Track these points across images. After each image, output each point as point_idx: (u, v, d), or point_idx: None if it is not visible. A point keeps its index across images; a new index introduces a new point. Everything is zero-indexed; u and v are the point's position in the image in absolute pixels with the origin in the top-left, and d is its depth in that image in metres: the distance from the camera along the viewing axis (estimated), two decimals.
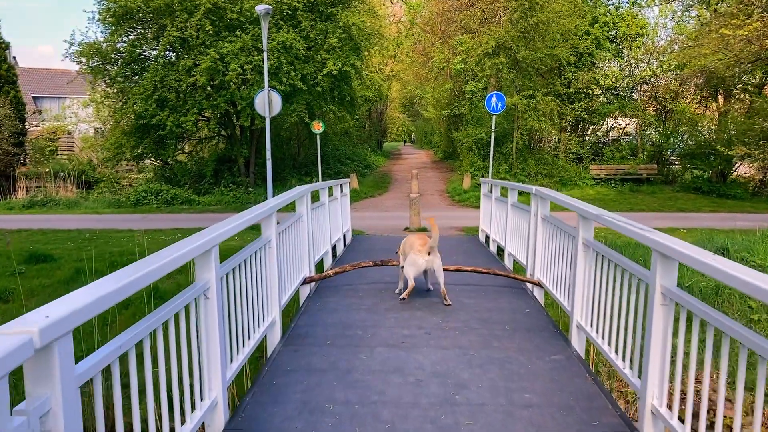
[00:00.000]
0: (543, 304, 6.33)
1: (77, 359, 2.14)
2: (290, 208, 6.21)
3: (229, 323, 3.78)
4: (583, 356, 4.90)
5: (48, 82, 39.64)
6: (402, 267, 6.24)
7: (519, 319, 5.55)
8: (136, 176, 25.15)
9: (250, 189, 21.82)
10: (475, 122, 25.23)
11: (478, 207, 20.18)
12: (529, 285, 6.77)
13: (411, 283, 5.96)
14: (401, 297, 6.02)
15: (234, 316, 3.92)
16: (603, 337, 4.40)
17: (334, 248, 9.38)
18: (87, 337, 6.01)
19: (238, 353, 4.00)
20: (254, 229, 5.12)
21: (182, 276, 8.51)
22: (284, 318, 5.32)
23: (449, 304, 5.87)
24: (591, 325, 4.71)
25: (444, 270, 6.23)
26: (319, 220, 7.76)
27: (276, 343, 4.97)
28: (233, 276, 3.91)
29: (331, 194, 9.23)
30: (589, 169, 23.92)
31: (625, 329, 3.95)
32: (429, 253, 5.82)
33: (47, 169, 24.14)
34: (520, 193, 8.22)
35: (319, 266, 8.34)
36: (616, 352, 4.11)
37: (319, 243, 7.82)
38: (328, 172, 25.31)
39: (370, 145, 40.65)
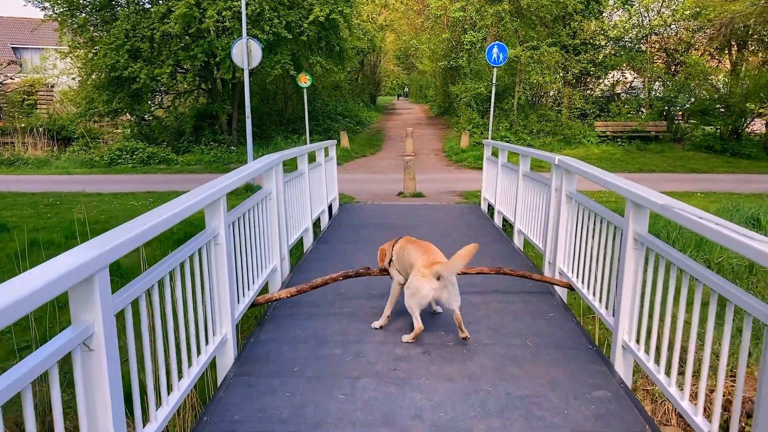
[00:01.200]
0: (566, 302, 5.13)
1: None
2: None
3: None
4: (630, 384, 3.72)
5: (29, 32, 37.61)
6: (401, 281, 4.37)
7: (542, 329, 4.35)
8: (120, 132, 23.52)
9: (232, 148, 20.39)
10: (474, 76, 23.70)
11: (477, 168, 19.05)
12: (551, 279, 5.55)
13: (418, 325, 4.03)
14: (402, 339, 4.13)
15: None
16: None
17: (317, 223, 8.12)
18: None
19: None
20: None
21: (132, 257, 7.26)
22: (239, 336, 4.13)
23: (467, 337, 4.05)
24: (638, 343, 3.56)
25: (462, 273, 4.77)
26: (296, 194, 6.50)
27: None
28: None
29: (312, 160, 7.93)
30: (594, 127, 22.54)
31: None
32: (438, 278, 3.91)
33: (23, 125, 22.59)
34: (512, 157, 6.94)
35: (297, 249, 7.09)
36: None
37: (298, 220, 6.57)
38: (317, 129, 23.82)
39: (363, 100, 38.99)
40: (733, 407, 2.64)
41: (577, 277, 4.83)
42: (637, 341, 3.65)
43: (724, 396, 3.07)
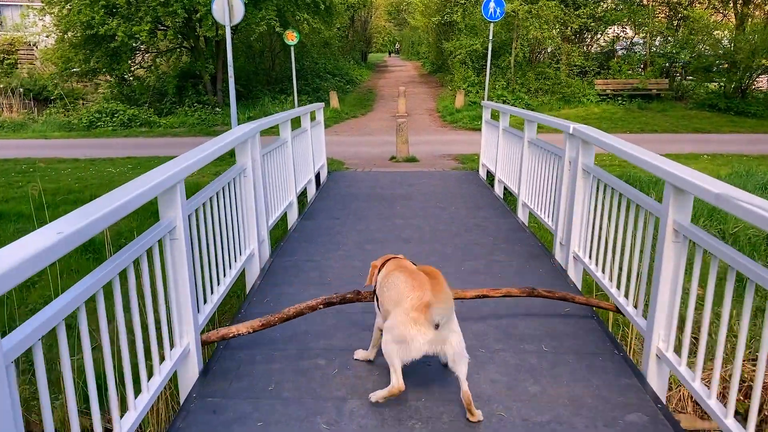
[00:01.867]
0: (581, 289, 4.54)
1: None
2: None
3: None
4: (664, 398, 3.15)
5: None
6: (381, 325, 3.11)
7: (559, 329, 3.75)
8: (103, 91, 22.44)
9: (217, 109, 19.50)
10: (469, 31, 22.67)
11: (472, 129, 18.29)
12: (569, 266, 4.95)
13: (395, 382, 2.80)
14: (370, 398, 2.97)
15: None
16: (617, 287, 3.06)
17: (304, 194, 7.46)
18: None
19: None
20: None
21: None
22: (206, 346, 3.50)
23: (479, 421, 2.82)
24: (677, 355, 2.99)
25: (479, 297, 3.83)
26: (278, 167, 5.83)
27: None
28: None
29: (297, 126, 7.23)
30: (594, 84, 21.71)
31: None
32: (437, 325, 2.69)
33: (2, 85, 21.53)
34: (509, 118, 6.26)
35: (280, 225, 6.44)
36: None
37: (280, 195, 5.92)
38: (305, 89, 22.86)
39: (354, 57, 37.79)
40: None
41: (596, 264, 4.22)
42: (677, 352, 3.07)
43: None
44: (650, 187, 8.45)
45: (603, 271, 4.09)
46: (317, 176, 8.32)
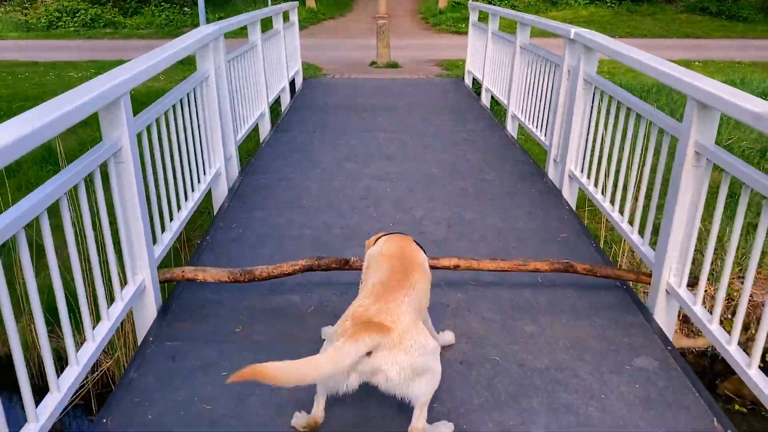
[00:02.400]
0: (576, 209, 4.21)
1: None
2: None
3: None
4: (671, 336, 2.89)
5: None
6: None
7: (556, 257, 3.45)
8: None
9: (185, 9, 18.34)
10: None
11: (456, 32, 17.47)
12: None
13: (317, 403, 2.17)
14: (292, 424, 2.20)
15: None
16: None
17: (277, 103, 6.93)
18: None
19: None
20: None
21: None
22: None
23: None
24: (692, 292, 2.71)
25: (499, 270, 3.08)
26: (246, 73, 5.29)
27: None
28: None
29: (269, 27, 6.60)
30: None
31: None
32: (370, 353, 1.85)
33: None
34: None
35: (251, 138, 5.97)
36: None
37: (250, 105, 5.41)
38: None
39: None
40: None
41: (595, 186, 3.87)
42: (690, 288, 2.77)
43: None
44: (647, 99, 8.05)
45: (603, 193, 3.74)
46: (291, 83, 7.75)
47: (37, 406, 2.00)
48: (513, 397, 2.36)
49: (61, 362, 2.28)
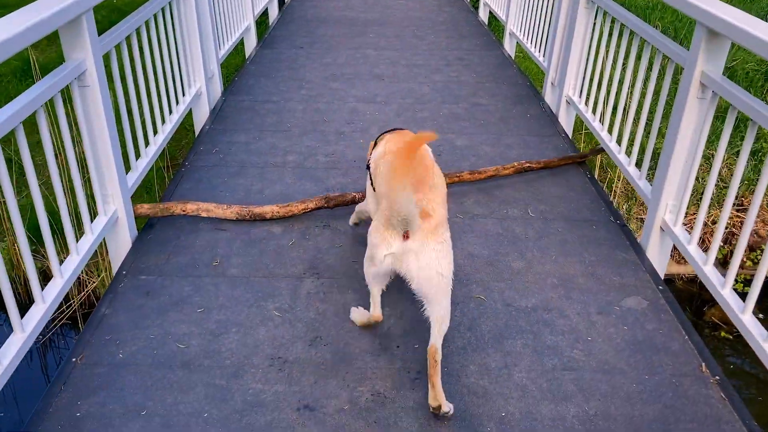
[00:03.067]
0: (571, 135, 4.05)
1: None
2: None
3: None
4: (663, 275, 2.81)
5: None
6: (367, 210, 2.53)
7: (547, 191, 3.32)
8: None
9: None
10: None
11: None
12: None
13: (372, 311, 2.22)
14: (353, 318, 2.34)
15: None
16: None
17: (263, 16, 6.59)
18: None
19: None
20: None
21: None
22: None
23: (444, 413, 1.93)
24: (687, 231, 2.62)
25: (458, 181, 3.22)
26: None
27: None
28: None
29: None
30: None
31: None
32: (406, 236, 1.89)
33: None
34: None
35: (236, 55, 5.71)
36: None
37: (233, 18, 5.11)
38: None
39: None
40: None
41: (593, 113, 3.69)
42: (687, 227, 2.67)
43: None
44: (650, 17, 7.70)
45: (602, 121, 3.57)
46: None
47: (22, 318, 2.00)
48: (497, 338, 2.29)
49: (46, 281, 2.22)
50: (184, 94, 3.77)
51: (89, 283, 4.15)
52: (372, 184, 2.35)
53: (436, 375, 1.93)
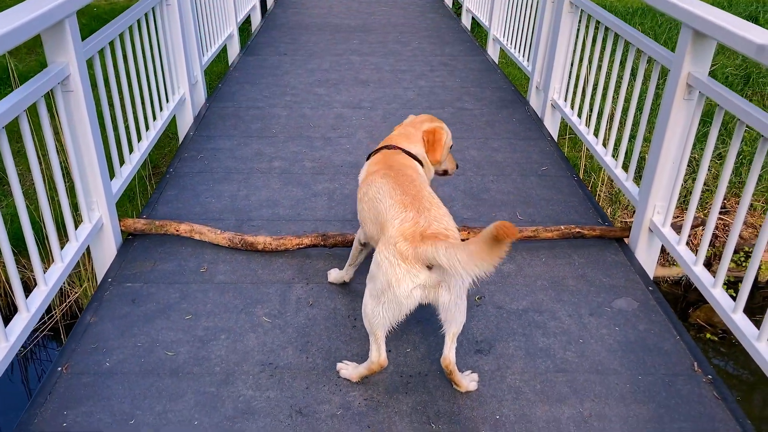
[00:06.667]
0: (555, 137, 4.07)
1: None
2: None
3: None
4: (652, 274, 2.81)
5: None
6: (362, 238, 2.34)
7: (535, 193, 3.32)
8: None
9: None
10: None
11: None
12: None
13: (375, 356, 1.97)
14: (339, 370, 2.12)
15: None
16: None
17: (246, 23, 6.56)
18: None
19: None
20: None
21: None
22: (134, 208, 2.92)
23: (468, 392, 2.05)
24: (676, 231, 2.63)
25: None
26: None
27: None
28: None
29: None
30: None
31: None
32: (430, 266, 1.76)
33: None
34: None
35: (219, 62, 5.67)
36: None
37: (217, 26, 5.07)
38: None
39: None
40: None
41: (579, 117, 3.71)
42: (675, 228, 2.68)
43: None
44: (630, 22, 7.79)
45: (587, 125, 3.59)
46: (262, 1, 7.33)
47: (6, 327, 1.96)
48: (488, 341, 2.28)
49: (28, 292, 2.17)
50: (168, 101, 3.73)
51: (71, 293, 4.08)
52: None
53: (454, 377, 2.01)
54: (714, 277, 2.31)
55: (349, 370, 2.09)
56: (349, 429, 1.90)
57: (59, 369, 2.11)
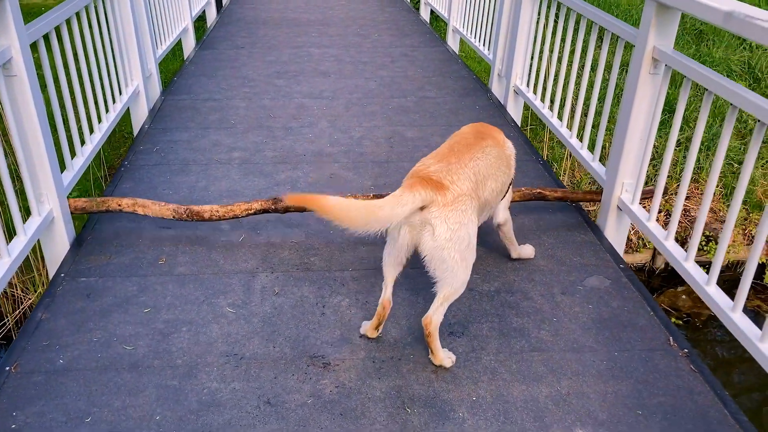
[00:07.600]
0: (523, 126, 4.04)
1: None
2: None
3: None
4: (621, 251, 2.79)
5: None
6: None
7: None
8: None
9: None
10: None
11: None
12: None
13: (386, 287, 2.04)
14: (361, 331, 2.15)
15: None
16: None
17: (201, 19, 6.40)
18: None
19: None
20: None
21: None
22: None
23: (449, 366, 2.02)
24: (645, 209, 2.62)
25: None
26: None
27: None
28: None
29: None
30: None
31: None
32: (423, 207, 1.85)
33: None
34: None
35: (174, 57, 5.51)
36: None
37: (171, 18, 4.93)
38: None
39: None
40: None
41: (542, 101, 3.69)
42: (643, 205, 2.66)
43: None
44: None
45: (551, 109, 3.56)
46: None
47: None
48: (461, 322, 2.21)
49: None
50: (121, 93, 3.59)
51: (25, 300, 3.89)
52: None
53: (431, 342, 1.97)
54: (686, 251, 2.29)
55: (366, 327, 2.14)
56: (320, 417, 1.81)
57: (7, 368, 1.97)
